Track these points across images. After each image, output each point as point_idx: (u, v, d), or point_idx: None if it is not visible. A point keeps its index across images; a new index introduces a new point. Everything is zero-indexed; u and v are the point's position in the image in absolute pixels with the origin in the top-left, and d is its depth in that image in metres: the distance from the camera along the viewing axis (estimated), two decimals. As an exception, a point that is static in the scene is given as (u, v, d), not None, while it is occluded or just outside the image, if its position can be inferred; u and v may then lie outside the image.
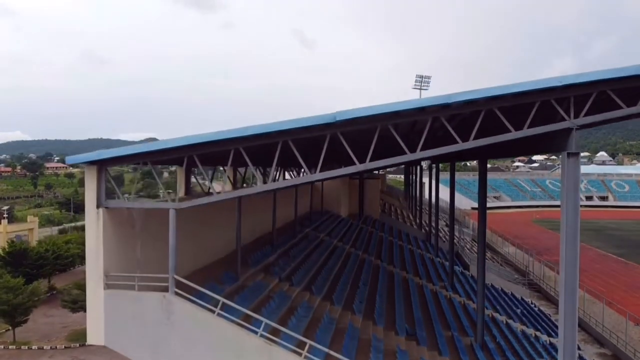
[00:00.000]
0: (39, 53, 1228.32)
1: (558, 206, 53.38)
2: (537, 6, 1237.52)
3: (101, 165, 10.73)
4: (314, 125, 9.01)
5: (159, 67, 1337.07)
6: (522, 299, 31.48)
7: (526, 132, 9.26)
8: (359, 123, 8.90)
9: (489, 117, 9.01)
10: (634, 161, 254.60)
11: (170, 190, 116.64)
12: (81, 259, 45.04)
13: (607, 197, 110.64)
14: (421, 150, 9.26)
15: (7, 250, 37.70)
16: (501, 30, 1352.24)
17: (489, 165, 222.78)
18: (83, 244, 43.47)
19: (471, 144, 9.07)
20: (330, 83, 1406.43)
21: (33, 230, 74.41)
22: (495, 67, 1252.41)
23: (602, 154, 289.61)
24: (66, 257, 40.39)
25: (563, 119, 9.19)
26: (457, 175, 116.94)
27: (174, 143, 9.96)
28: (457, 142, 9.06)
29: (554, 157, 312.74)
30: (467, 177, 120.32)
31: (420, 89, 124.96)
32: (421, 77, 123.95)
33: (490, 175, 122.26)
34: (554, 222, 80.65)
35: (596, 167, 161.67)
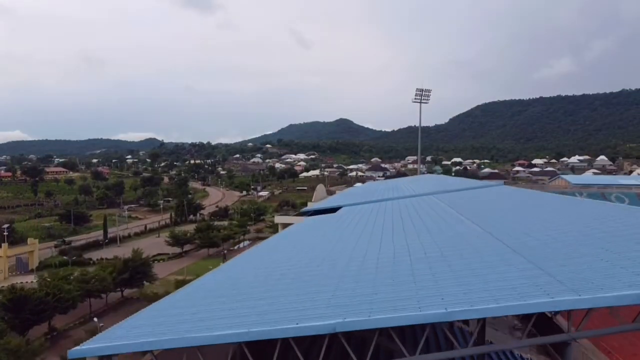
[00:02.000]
0: (37, 53, 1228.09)
1: None
2: (535, 6, 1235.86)
3: (106, 358, 10.71)
4: (314, 334, 9.07)
5: (157, 67, 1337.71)
6: (521, 357, 31.62)
7: (525, 342, 9.36)
8: (358, 330, 8.97)
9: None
10: (634, 166, 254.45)
11: (169, 199, 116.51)
12: (82, 297, 45.22)
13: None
14: (420, 354, 9.34)
15: (7, 297, 37.91)
16: (499, 31, 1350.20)
17: (488, 170, 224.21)
18: (84, 281, 43.48)
19: (471, 350, 9.16)
20: (328, 83, 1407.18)
21: (33, 253, 74.95)
22: (494, 67, 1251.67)
23: (602, 158, 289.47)
24: (67, 300, 40.57)
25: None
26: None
27: (178, 344, 9.97)
28: (456, 349, 9.17)
29: (553, 160, 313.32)
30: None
31: (421, 102, 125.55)
32: (421, 90, 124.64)
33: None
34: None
35: (596, 178, 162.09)
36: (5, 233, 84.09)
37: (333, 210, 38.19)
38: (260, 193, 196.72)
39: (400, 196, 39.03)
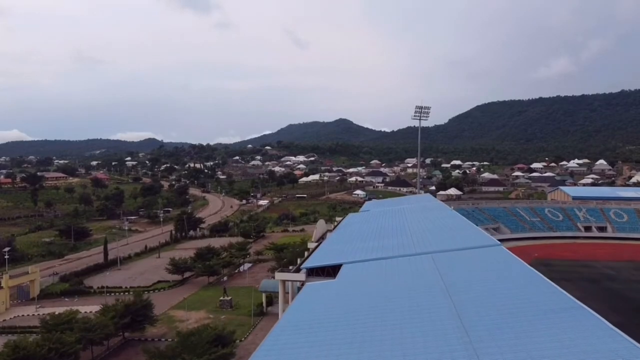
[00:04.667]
0: (35, 52, 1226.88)
1: (557, 237, 56.56)
2: (533, 6, 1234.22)
3: None
4: None
5: (155, 66, 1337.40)
6: None
7: None
8: None
9: None
10: (633, 171, 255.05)
11: (169, 209, 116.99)
12: (84, 346, 45.60)
13: (605, 227, 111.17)
14: None
15: (11, 356, 38.32)
16: (498, 31, 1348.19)
17: (488, 174, 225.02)
18: (86, 329, 43.78)
19: None
20: (328, 83, 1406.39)
21: (34, 282, 75.33)
22: (493, 67, 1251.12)
23: (601, 162, 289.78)
24: (69, 354, 40.98)
25: None
26: (456, 204, 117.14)
27: None
28: None
29: (552, 164, 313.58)
30: (467, 206, 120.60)
31: (420, 119, 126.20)
32: (421, 107, 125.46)
33: (488, 204, 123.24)
34: (555, 264, 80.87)
35: (596, 190, 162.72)
36: (7, 257, 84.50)
37: (334, 268, 38.68)
38: (260, 202, 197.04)
39: (397, 255, 39.41)
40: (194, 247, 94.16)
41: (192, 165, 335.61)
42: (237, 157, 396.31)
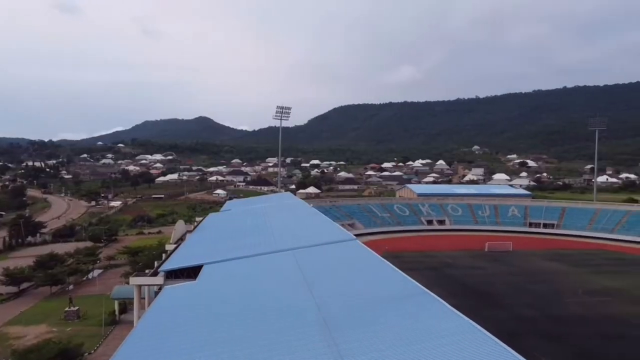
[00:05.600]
0: None
1: (405, 231, 63.38)
2: (383, 16, 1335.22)
3: None
4: None
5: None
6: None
7: None
8: None
9: None
10: (466, 170, 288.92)
11: (2, 213, 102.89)
12: None
13: (444, 220, 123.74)
14: None
15: None
16: (355, 38, 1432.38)
17: (344, 173, 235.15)
18: None
19: None
20: (187, 80, 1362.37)
21: None
22: (350, 71, 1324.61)
23: (441, 162, 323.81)
24: None
25: None
26: (315, 202, 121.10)
27: None
28: None
29: (400, 164, 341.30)
30: (325, 203, 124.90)
31: (281, 119, 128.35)
32: (282, 108, 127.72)
33: (344, 202, 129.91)
34: (403, 256, 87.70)
35: (437, 187, 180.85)
36: None
37: (194, 269, 37.59)
38: (112, 203, 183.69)
39: (259, 253, 39.64)
40: (34, 255, 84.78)
41: (30, 163, 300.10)
42: (85, 155, 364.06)
